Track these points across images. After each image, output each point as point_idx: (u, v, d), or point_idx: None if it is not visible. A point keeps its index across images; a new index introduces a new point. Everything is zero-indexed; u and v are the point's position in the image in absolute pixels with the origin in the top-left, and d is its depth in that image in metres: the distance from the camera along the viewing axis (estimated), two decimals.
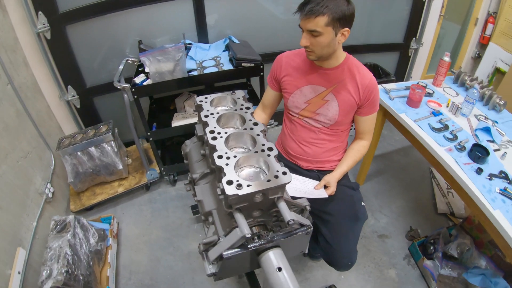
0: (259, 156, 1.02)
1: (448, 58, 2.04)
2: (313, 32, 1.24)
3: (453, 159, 1.60)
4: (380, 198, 2.43)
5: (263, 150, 1.04)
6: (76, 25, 2.08)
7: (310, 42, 1.29)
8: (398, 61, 3.12)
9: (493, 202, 1.41)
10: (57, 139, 2.19)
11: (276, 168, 0.98)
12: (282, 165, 1.00)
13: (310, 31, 1.25)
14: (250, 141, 1.11)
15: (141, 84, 1.97)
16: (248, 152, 1.05)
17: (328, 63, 1.42)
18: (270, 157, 1.02)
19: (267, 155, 1.03)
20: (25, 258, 1.64)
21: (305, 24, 1.25)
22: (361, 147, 1.59)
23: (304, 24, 1.26)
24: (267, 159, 1.02)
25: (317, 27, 1.22)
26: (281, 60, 1.55)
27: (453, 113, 1.92)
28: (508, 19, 2.88)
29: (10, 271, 1.52)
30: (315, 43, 1.28)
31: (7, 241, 1.58)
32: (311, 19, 1.22)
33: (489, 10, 3.08)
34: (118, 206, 2.38)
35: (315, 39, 1.27)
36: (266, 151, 1.04)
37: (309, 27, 1.24)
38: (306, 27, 1.25)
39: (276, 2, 2.50)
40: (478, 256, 1.89)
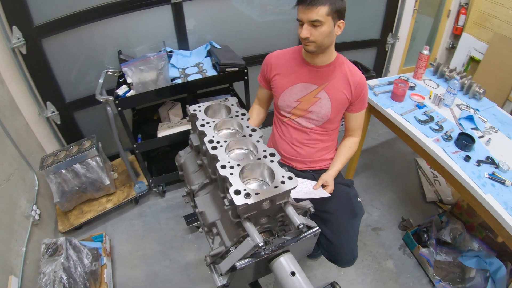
0: (262, 163, 1.01)
1: (427, 51, 2.10)
2: (314, 22, 1.27)
3: (442, 149, 1.65)
4: (370, 192, 2.48)
5: (266, 157, 1.03)
6: (52, 38, 2.01)
7: (311, 33, 1.31)
8: (376, 56, 3.19)
9: (483, 187, 1.47)
10: (39, 158, 2.11)
11: (281, 173, 0.98)
12: (286, 170, 1.00)
13: (312, 21, 1.27)
14: (251, 148, 1.10)
15: (124, 95, 1.92)
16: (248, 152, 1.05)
17: (321, 59, 1.45)
18: (273, 163, 1.02)
19: (270, 161, 1.02)
20: (18, 286, 1.56)
21: (307, 14, 1.27)
22: (352, 144, 1.62)
23: (305, 15, 1.27)
24: (271, 165, 1.01)
25: (319, 16, 1.26)
26: (270, 59, 1.56)
27: (436, 104, 1.97)
28: (480, 9, 3.00)
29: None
30: (316, 33, 1.30)
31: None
32: (313, 9, 1.25)
33: (461, 2, 3.19)
34: (108, 222, 2.31)
35: (316, 30, 1.29)
36: (268, 157, 1.03)
37: (311, 17, 1.26)
38: (308, 17, 1.27)
39: (251, 5, 2.51)
40: (470, 239, 1.95)
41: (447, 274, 1.90)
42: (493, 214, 1.40)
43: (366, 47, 3.09)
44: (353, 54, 3.02)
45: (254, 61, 2.59)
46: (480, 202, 1.45)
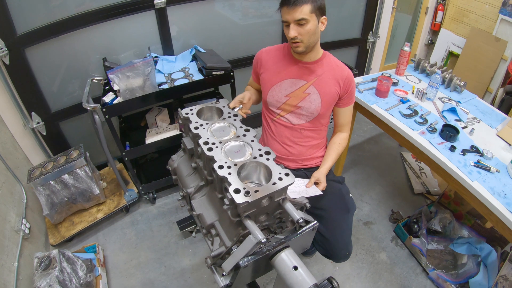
0: (259, 161, 1.03)
1: (408, 48, 2.15)
2: (300, 20, 1.31)
3: (427, 141, 1.70)
4: (359, 187, 2.52)
5: (261, 155, 1.05)
6: (36, 47, 1.97)
7: (298, 32, 1.34)
8: (357, 55, 3.26)
9: (470, 174, 1.52)
10: (26, 171, 2.06)
11: (278, 170, 1.00)
12: (282, 167, 1.01)
13: (298, 20, 1.31)
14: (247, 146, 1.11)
15: (112, 102, 1.90)
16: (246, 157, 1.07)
17: (309, 56, 1.48)
18: (269, 161, 1.03)
19: (266, 159, 1.04)
20: None
21: (292, 14, 1.30)
22: (342, 140, 1.66)
23: (290, 15, 1.31)
24: (267, 163, 1.03)
25: (304, 14, 1.30)
26: (260, 55, 1.61)
27: (419, 98, 2.03)
28: (457, 5, 3.11)
29: None
30: (303, 32, 1.34)
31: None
32: (297, 8, 1.29)
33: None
34: (99, 232, 2.27)
35: (303, 28, 1.33)
36: (264, 155, 1.05)
37: (297, 16, 1.30)
38: (293, 17, 1.31)
39: (233, 8, 2.52)
40: (460, 227, 2.02)
41: (439, 262, 1.95)
42: (481, 200, 1.45)
43: (347, 46, 3.15)
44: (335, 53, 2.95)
45: (239, 64, 2.62)
46: (468, 190, 1.51)
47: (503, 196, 1.43)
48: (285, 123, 1.59)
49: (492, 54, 2.85)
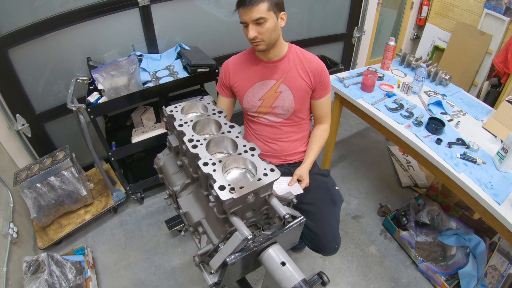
0: (243, 157, 1.03)
1: (393, 42, 2.16)
2: (258, 20, 1.31)
3: (414, 134, 1.71)
4: (347, 181, 2.54)
5: (246, 151, 1.05)
6: (19, 47, 1.93)
7: (258, 31, 1.34)
8: (343, 50, 3.27)
9: (456, 166, 1.53)
10: (12, 174, 2.03)
11: (263, 166, 1.00)
12: (267, 162, 1.01)
13: (256, 20, 1.31)
14: (231, 144, 1.11)
15: (96, 102, 1.88)
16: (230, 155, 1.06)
17: (273, 53, 1.48)
18: (254, 157, 1.03)
19: (251, 155, 1.04)
20: None
21: (250, 14, 1.30)
22: (323, 132, 1.66)
23: (248, 15, 1.31)
24: (252, 159, 1.02)
25: (260, 13, 1.30)
26: (227, 65, 1.60)
27: (405, 92, 2.04)
28: (442, 0, 3.13)
29: None
30: (262, 31, 1.34)
31: None
32: (254, 8, 1.29)
33: None
34: (88, 234, 2.25)
35: (261, 27, 1.33)
36: (249, 151, 1.05)
37: (254, 16, 1.30)
38: (251, 17, 1.31)
39: (218, 5, 2.51)
40: (448, 219, 2.04)
41: (429, 254, 1.98)
42: (468, 192, 1.47)
43: (333, 42, 3.16)
44: (321, 49, 3.08)
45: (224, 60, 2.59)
46: (455, 182, 1.52)
47: (490, 187, 1.44)
48: (264, 122, 1.60)
49: (477, 48, 2.88)
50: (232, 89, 1.60)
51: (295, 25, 2.89)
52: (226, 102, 1.67)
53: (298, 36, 2.93)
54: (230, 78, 1.58)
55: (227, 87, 1.62)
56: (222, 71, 1.61)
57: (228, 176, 1.01)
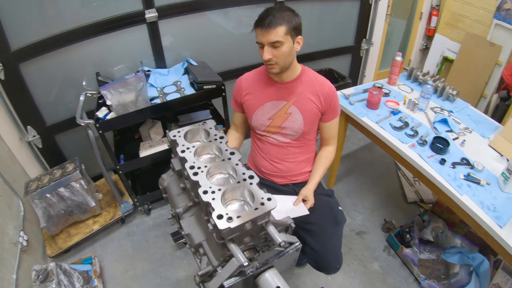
0: (242, 186, 1.05)
1: (400, 58, 2.16)
2: (275, 43, 1.31)
3: (417, 154, 1.71)
4: (352, 196, 2.54)
5: (245, 179, 1.07)
6: (30, 62, 2.00)
7: (273, 54, 1.34)
8: (351, 62, 3.27)
9: (459, 188, 1.53)
10: (23, 183, 2.09)
11: (261, 195, 1.02)
12: (265, 191, 1.03)
13: (272, 42, 1.31)
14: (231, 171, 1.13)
15: (105, 118, 1.93)
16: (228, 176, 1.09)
17: (286, 76, 1.48)
18: (252, 185, 1.05)
19: (250, 183, 1.06)
20: None
21: (267, 37, 1.30)
22: (329, 154, 1.66)
23: (265, 37, 1.31)
24: (250, 187, 1.04)
25: (279, 37, 1.29)
26: (240, 83, 1.60)
27: (410, 109, 2.04)
28: (451, 10, 3.11)
29: None
30: (278, 54, 1.34)
31: None
32: (272, 31, 1.29)
33: (432, 4, 3.30)
34: (96, 243, 2.30)
35: (277, 50, 1.33)
36: (248, 179, 1.07)
37: (271, 39, 1.30)
38: (268, 39, 1.31)
39: (227, 17, 2.53)
40: (453, 236, 2.03)
41: (432, 271, 1.97)
42: (470, 214, 1.47)
43: (341, 54, 3.16)
44: (329, 62, 3.09)
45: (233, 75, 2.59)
46: (457, 204, 1.52)
47: (493, 210, 1.44)
48: (272, 142, 1.60)
49: (487, 59, 2.85)
50: (243, 106, 1.62)
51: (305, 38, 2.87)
52: (240, 117, 1.70)
53: (307, 49, 2.94)
54: (241, 95, 1.59)
55: (239, 104, 1.64)
56: (235, 88, 1.63)
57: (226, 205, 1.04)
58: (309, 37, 2.92)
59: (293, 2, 2.59)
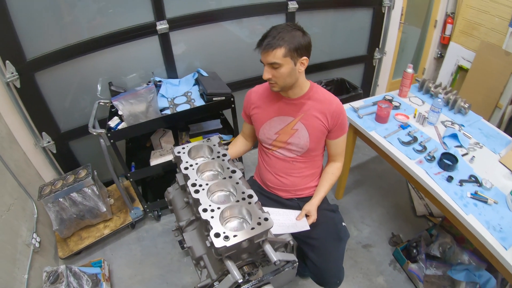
0: (241, 205, 1.07)
1: (411, 70, 2.14)
2: (273, 64, 1.32)
3: (424, 171, 1.69)
4: (361, 208, 2.52)
5: (244, 198, 1.09)
6: (45, 71, 2.07)
7: (272, 74, 1.35)
8: (363, 72, 3.25)
9: (465, 207, 1.50)
10: (37, 187, 2.16)
11: (258, 215, 1.04)
12: (262, 212, 1.05)
13: (271, 63, 1.32)
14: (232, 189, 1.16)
15: (116, 127, 1.98)
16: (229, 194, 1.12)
17: (293, 92, 1.49)
18: (251, 205, 1.08)
19: (248, 202, 1.08)
20: None
21: (265, 57, 1.32)
22: (335, 170, 1.65)
23: (264, 58, 1.33)
24: (248, 206, 1.07)
25: (276, 59, 1.30)
26: (250, 95, 1.63)
27: (420, 123, 2.01)
28: (466, 18, 3.05)
29: None
30: (277, 74, 1.35)
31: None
32: (270, 52, 1.30)
33: (447, 11, 3.24)
34: (106, 247, 2.36)
35: (276, 71, 1.34)
36: (247, 198, 1.09)
37: (269, 60, 1.31)
38: (266, 60, 1.33)
39: (239, 27, 2.55)
40: (461, 252, 1.99)
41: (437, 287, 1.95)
42: (475, 234, 1.44)
43: (353, 64, 3.14)
44: (341, 71, 3.07)
45: (244, 85, 2.65)
46: (462, 223, 1.50)
47: (499, 230, 1.41)
48: (277, 156, 1.61)
49: (502, 69, 2.79)
50: (251, 118, 1.64)
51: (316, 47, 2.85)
52: (248, 128, 1.72)
53: (319, 58, 2.94)
54: (250, 108, 1.61)
55: (248, 116, 1.66)
56: (245, 100, 1.65)
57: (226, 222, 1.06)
58: (322, 47, 2.92)
59: (305, 12, 2.60)
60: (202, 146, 1.32)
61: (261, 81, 1.53)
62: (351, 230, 2.33)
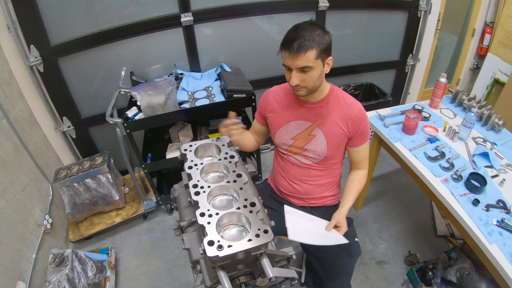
0: (241, 212, 1.01)
1: (444, 79, 2.00)
2: (304, 68, 1.21)
3: (449, 191, 1.56)
4: (379, 222, 2.39)
5: (246, 206, 1.03)
6: (68, 57, 2.10)
7: (301, 78, 1.25)
8: (395, 78, 3.10)
9: (489, 236, 1.38)
10: (55, 170, 2.21)
11: (258, 226, 0.97)
12: (263, 223, 0.99)
13: (301, 67, 1.22)
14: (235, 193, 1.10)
15: (133, 118, 1.97)
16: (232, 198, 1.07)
17: (313, 96, 1.40)
18: (252, 213, 1.01)
19: (250, 211, 1.02)
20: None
21: (295, 61, 1.20)
22: (361, 177, 1.55)
23: (293, 62, 1.21)
24: (249, 215, 1.00)
25: (309, 62, 1.20)
26: (267, 96, 1.54)
27: (450, 138, 1.88)
28: (506, 29, 2.84)
29: None
30: (306, 79, 1.25)
31: (7, 276, 1.61)
32: (302, 56, 1.18)
33: (486, 20, 3.04)
34: (117, 235, 2.38)
35: (306, 75, 1.24)
36: (248, 206, 1.03)
37: (300, 64, 1.20)
38: (296, 64, 1.21)
39: (270, 22, 2.47)
40: (479, 279, 1.85)
41: None
42: (496, 267, 1.32)
43: (384, 69, 3.01)
44: (371, 76, 2.95)
45: (267, 83, 2.57)
46: (484, 252, 1.37)
47: None
48: (293, 161, 1.53)
49: None
50: (267, 121, 1.56)
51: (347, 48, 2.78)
52: (259, 128, 1.63)
53: (348, 61, 2.82)
54: (266, 110, 1.53)
55: (263, 117, 1.58)
56: (261, 100, 1.57)
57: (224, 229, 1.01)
58: (353, 49, 2.81)
59: (337, 11, 2.50)
60: (210, 145, 1.27)
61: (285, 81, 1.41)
62: (366, 243, 2.23)
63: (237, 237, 1.00)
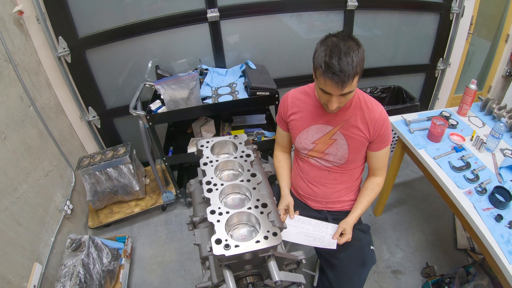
0: (251, 213, 1.01)
1: (474, 86, 1.92)
2: (347, 93, 1.19)
3: (471, 204, 1.49)
4: (398, 230, 2.32)
5: (257, 206, 1.03)
6: (95, 49, 2.15)
7: (339, 101, 1.23)
8: (424, 83, 3.00)
9: (510, 255, 1.31)
10: (79, 158, 2.28)
11: (267, 228, 0.97)
12: (273, 225, 0.98)
13: (345, 93, 1.19)
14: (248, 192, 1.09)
15: (156, 111, 2.00)
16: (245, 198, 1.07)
17: None
18: (263, 215, 1.00)
19: (260, 212, 1.01)
20: (41, 272, 1.75)
21: (339, 89, 1.15)
22: (375, 185, 1.52)
23: (338, 90, 1.16)
24: (259, 216, 1.00)
25: (352, 87, 1.18)
26: (286, 100, 1.51)
27: (477, 148, 1.80)
28: None
29: (26, 284, 1.62)
30: (344, 100, 1.25)
31: (25, 257, 1.68)
32: (347, 85, 1.14)
33: None
34: (134, 225, 2.44)
35: (345, 97, 1.22)
36: (259, 207, 1.02)
37: (344, 91, 1.16)
38: (340, 92, 1.16)
39: (299, 20, 2.44)
40: None
41: None
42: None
43: (413, 73, 2.91)
44: (399, 79, 2.87)
45: (293, 83, 2.53)
46: (503, 272, 1.31)
47: None
48: (313, 163, 1.52)
49: None
50: (288, 124, 1.54)
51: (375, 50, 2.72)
52: (285, 135, 1.61)
53: (377, 62, 2.76)
54: (287, 114, 1.51)
55: (284, 122, 1.56)
56: (281, 104, 1.55)
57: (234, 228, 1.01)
58: (382, 50, 2.74)
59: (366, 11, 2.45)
60: (227, 143, 1.27)
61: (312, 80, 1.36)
62: (382, 251, 2.17)
63: (247, 237, 1.00)
